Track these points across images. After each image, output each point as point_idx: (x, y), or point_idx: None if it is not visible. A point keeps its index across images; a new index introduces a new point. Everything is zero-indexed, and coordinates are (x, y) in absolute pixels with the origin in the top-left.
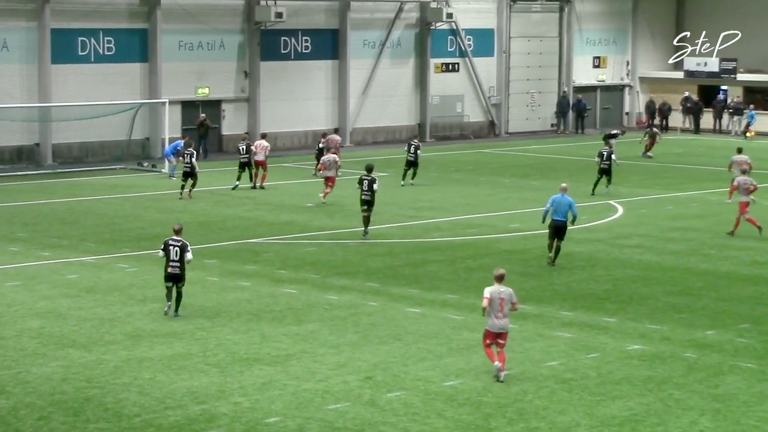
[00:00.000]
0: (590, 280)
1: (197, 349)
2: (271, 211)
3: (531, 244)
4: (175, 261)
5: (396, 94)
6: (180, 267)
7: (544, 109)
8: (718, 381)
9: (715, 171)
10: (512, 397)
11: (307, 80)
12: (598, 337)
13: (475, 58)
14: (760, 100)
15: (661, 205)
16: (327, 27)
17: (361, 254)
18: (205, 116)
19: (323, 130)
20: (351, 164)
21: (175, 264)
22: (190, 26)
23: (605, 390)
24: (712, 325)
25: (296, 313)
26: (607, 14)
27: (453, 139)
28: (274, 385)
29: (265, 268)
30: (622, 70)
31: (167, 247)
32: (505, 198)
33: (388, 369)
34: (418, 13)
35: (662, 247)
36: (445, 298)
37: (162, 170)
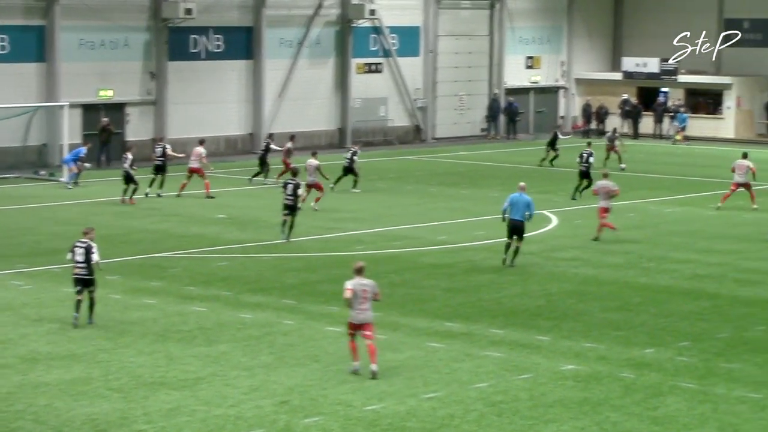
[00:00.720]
0: (522, 295)
1: (98, 373)
2: (180, 223)
3: (458, 257)
4: (81, 263)
5: (315, 96)
6: (87, 269)
7: (473, 112)
8: (657, 402)
9: (655, 179)
10: (438, 422)
11: (219, 82)
12: (531, 356)
13: (400, 58)
14: (703, 103)
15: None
16: (240, 24)
17: (276, 269)
18: (107, 121)
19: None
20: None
21: (80, 266)
22: (92, 23)
23: (538, 413)
24: (650, 342)
25: (206, 333)
26: (541, 11)
27: (376, 145)
28: (182, 411)
29: (172, 284)
30: (557, 71)
31: (73, 249)
32: (431, 208)
33: (305, 393)
34: (339, 10)
35: (599, 260)
36: None
37: (60, 179)
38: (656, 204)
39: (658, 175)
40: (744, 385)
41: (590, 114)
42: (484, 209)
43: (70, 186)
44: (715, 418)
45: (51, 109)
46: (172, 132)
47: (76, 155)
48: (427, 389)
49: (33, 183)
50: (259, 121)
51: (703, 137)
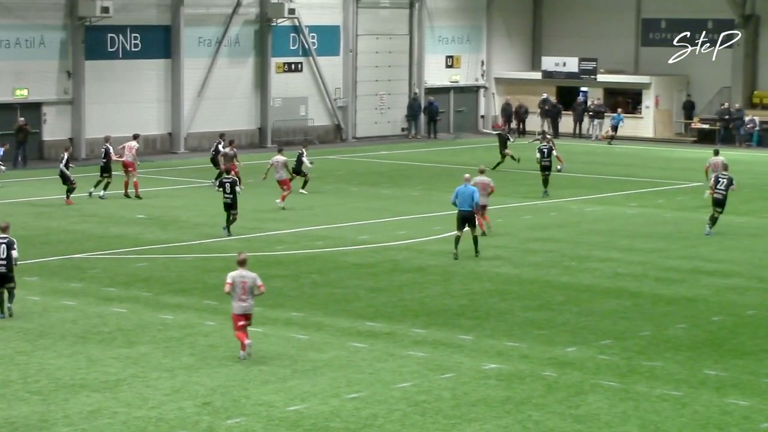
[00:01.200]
0: (445, 294)
1: (17, 376)
2: (99, 223)
3: (381, 257)
4: (2, 259)
5: (235, 96)
6: (6, 266)
7: (394, 112)
8: (579, 401)
9: (575, 178)
10: (362, 422)
11: (138, 81)
12: (453, 355)
13: (320, 58)
14: (622, 102)
15: (519, 214)
16: (158, 23)
17: (197, 269)
18: (24, 120)
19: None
20: (188, 172)
21: (2, 263)
22: (7, 21)
23: (461, 412)
24: (572, 341)
25: (126, 335)
26: (460, 11)
27: (297, 145)
28: (102, 413)
29: (91, 285)
30: (477, 71)
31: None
32: (353, 207)
33: (227, 393)
34: (258, 9)
35: (520, 259)
36: (289, 316)
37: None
38: (577, 203)
39: (579, 174)
40: (665, 383)
41: (510, 113)
42: (406, 209)
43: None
44: (637, 416)
45: None
46: (90, 132)
47: None
48: (350, 389)
49: None
50: (178, 121)
51: (622, 136)
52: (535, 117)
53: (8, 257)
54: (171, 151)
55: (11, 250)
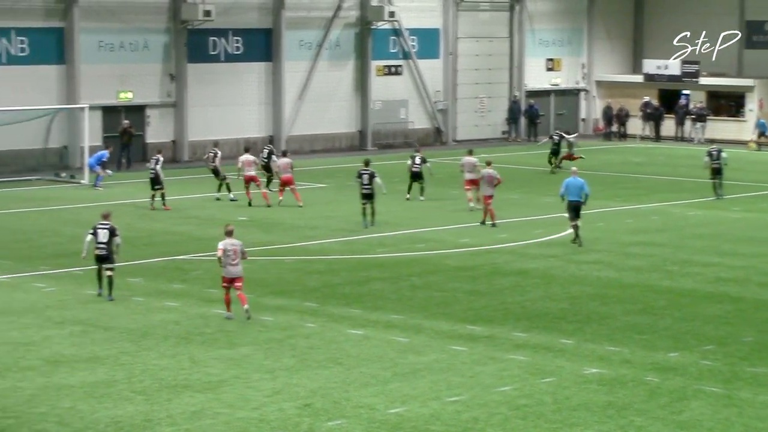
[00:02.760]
0: (545, 298)
1: (122, 375)
2: (200, 225)
3: (481, 260)
4: (103, 243)
5: (335, 98)
6: (107, 249)
7: (494, 115)
8: (681, 406)
9: (677, 181)
10: (462, 426)
11: (239, 84)
12: (554, 360)
13: (420, 60)
14: (724, 105)
15: (620, 218)
16: (260, 26)
17: (298, 272)
18: (128, 123)
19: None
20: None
21: (102, 246)
22: (111, 25)
23: (562, 417)
24: (675, 346)
25: (228, 336)
26: (561, 13)
27: (396, 148)
28: (205, 413)
29: (194, 287)
30: (578, 74)
31: (96, 231)
32: (453, 210)
33: (327, 395)
34: (358, 12)
35: (622, 263)
36: (390, 319)
37: (81, 181)
38: (679, 207)
39: (681, 177)
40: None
41: (611, 116)
42: (506, 212)
43: (99, 188)
44: (741, 423)
45: (71, 111)
46: (192, 134)
47: (99, 159)
48: (450, 392)
49: (54, 185)
50: (279, 124)
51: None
52: (636, 120)
53: (109, 242)
54: None
55: (114, 236)
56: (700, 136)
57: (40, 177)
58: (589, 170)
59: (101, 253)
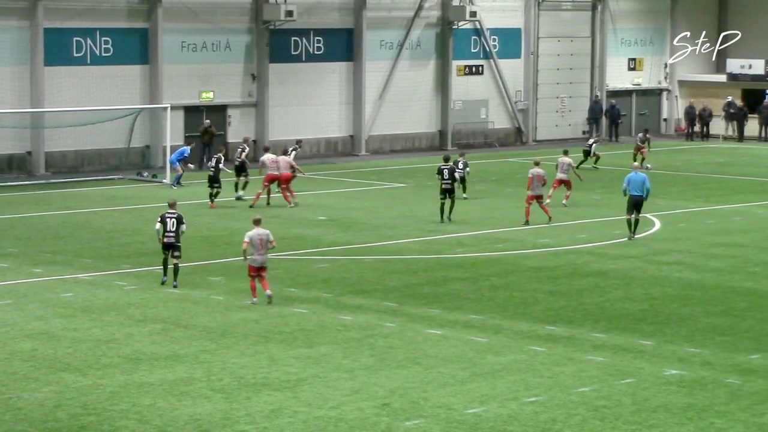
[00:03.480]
0: (625, 299)
1: (201, 373)
2: (281, 224)
3: (560, 260)
4: (172, 231)
5: (415, 98)
6: (175, 237)
7: (575, 114)
8: (763, 409)
9: (760, 182)
10: (540, 426)
11: (320, 84)
12: (634, 361)
13: (501, 60)
14: None
15: (702, 218)
16: (341, 26)
17: (378, 271)
18: (209, 122)
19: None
20: (368, 174)
21: (171, 234)
22: (194, 26)
23: (641, 419)
24: (756, 348)
25: (307, 335)
26: (644, 13)
27: (477, 147)
28: (283, 412)
29: (273, 285)
30: (660, 73)
31: (164, 219)
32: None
33: (406, 395)
34: (439, 12)
35: (703, 264)
36: (468, 319)
37: (164, 180)
38: (763, 208)
39: (764, 178)
40: None
41: (694, 117)
42: (587, 212)
43: (175, 187)
44: None
45: (154, 110)
46: (273, 134)
47: (181, 155)
48: (529, 393)
49: (136, 184)
50: (359, 124)
51: None
52: (719, 120)
53: (177, 230)
54: (352, 154)
55: (181, 224)
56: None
57: (122, 176)
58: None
59: (170, 240)
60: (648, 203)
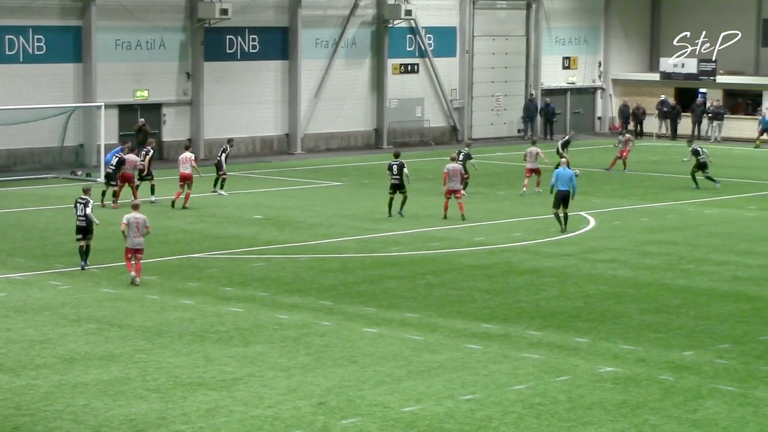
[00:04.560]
0: (560, 297)
1: (136, 373)
2: (216, 223)
3: (496, 258)
4: (82, 216)
5: (351, 97)
6: (86, 221)
7: (510, 113)
8: (696, 405)
9: None
10: (476, 424)
11: (255, 82)
12: (569, 358)
13: (436, 59)
14: (741, 104)
15: (636, 216)
16: (276, 25)
17: (313, 270)
18: (144, 121)
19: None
20: (304, 173)
21: (82, 218)
22: (128, 24)
23: (576, 415)
24: (690, 345)
25: (243, 334)
26: (578, 11)
27: (412, 146)
28: (219, 411)
29: (209, 285)
30: (594, 72)
31: (76, 204)
32: (468, 209)
33: (342, 394)
34: (375, 10)
35: (637, 262)
36: (404, 317)
37: (97, 179)
38: (695, 205)
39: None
40: None
41: (628, 115)
42: (522, 210)
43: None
44: (756, 422)
45: (88, 109)
46: (208, 132)
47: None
48: (465, 391)
49: (70, 183)
50: (295, 122)
51: (741, 138)
52: (652, 119)
53: (86, 214)
54: (288, 152)
55: (87, 207)
56: (717, 134)
57: (56, 175)
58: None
59: (82, 224)
60: (583, 201)
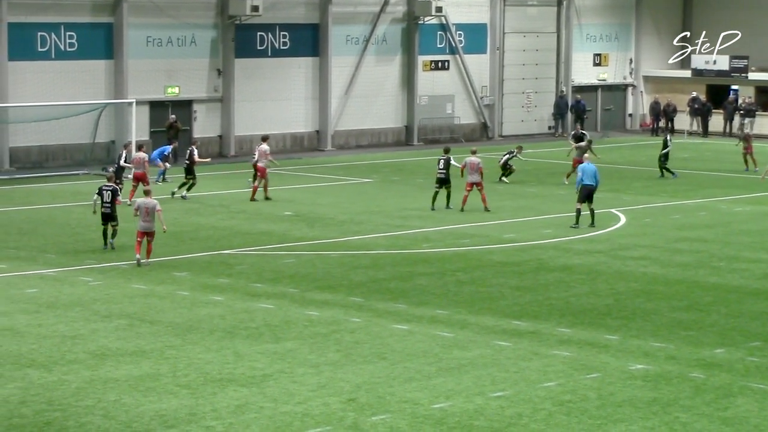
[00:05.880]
0: (590, 294)
1: (166, 369)
2: (247, 220)
3: (527, 255)
4: (108, 203)
5: (381, 94)
6: (111, 208)
7: (540, 110)
8: (727, 403)
9: (724, 177)
10: (506, 421)
11: (286, 79)
12: (599, 355)
13: (467, 56)
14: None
15: (667, 213)
16: (307, 21)
17: (344, 266)
18: (175, 117)
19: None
20: (334, 169)
21: (107, 205)
22: (159, 20)
23: (606, 413)
24: (721, 343)
25: (273, 330)
26: (609, 8)
27: (443, 143)
28: (249, 407)
29: (239, 281)
30: (625, 69)
31: (101, 191)
32: (498, 206)
33: (372, 390)
34: (405, 7)
35: (668, 259)
36: (434, 314)
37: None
38: (727, 203)
39: (729, 173)
40: None
41: (659, 112)
42: (552, 207)
43: (160, 182)
44: None
45: (119, 106)
46: (239, 129)
47: (161, 153)
48: (495, 388)
49: (101, 180)
50: (326, 119)
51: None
52: (683, 116)
53: (112, 201)
54: (318, 149)
55: (116, 196)
56: (749, 131)
57: (87, 171)
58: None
59: (106, 211)
60: (613, 198)
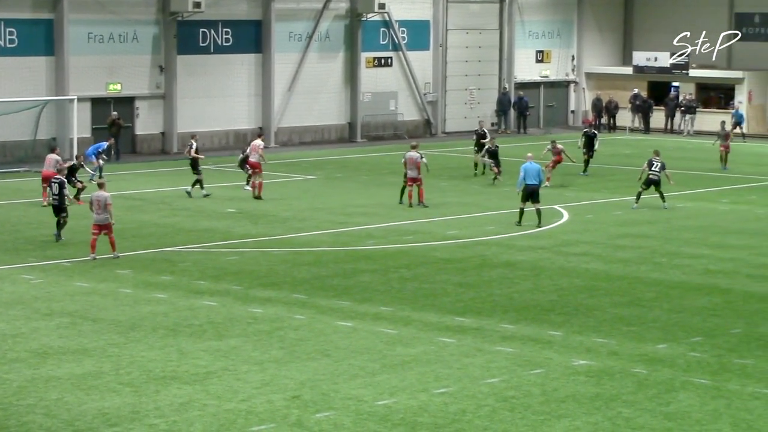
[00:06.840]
0: (534, 290)
1: (109, 367)
2: (190, 217)
3: (470, 252)
4: (56, 195)
5: (324, 90)
6: (59, 199)
7: (483, 107)
8: (669, 398)
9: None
10: (450, 417)
11: (229, 75)
12: (542, 351)
13: (410, 52)
14: (714, 97)
15: (609, 209)
16: (249, 18)
17: (287, 263)
18: (117, 114)
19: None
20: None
21: (55, 197)
22: (101, 17)
23: (550, 408)
24: (663, 338)
25: (217, 328)
26: (551, 5)
27: (386, 140)
28: (193, 405)
29: (182, 278)
30: (567, 66)
31: (50, 184)
32: (442, 202)
33: (316, 387)
34: (348, 4)
35: (610, 255)
36: (378, 311)
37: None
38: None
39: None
40: (757, 381)
41: (601, 108)
42: (496, 204)
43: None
44: (729, 414)
45: (60, 102)
46: (182, 126)
47: (96, 149)
48: (438, 384)
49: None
50: (269, 115)
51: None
52: (625, 112)
53: (60, 193)
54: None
55: (63, 188)
56: (690, 128)
57: (28, 168)
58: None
59: (54, 203)
60: (556, 194)
